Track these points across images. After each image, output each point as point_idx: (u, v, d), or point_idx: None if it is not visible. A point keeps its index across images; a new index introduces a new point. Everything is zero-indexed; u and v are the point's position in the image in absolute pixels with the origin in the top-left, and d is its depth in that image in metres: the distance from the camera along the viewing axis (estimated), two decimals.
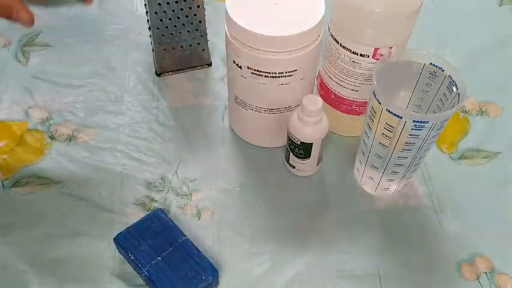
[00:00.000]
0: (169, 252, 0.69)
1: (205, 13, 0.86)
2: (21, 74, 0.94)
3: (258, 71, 0.71)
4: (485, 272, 0.73)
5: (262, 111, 0.77)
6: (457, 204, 0.79)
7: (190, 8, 0.82)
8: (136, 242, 0.70)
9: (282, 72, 0.70)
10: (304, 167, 0.79)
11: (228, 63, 0.75)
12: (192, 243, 0.70)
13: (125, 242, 0.70)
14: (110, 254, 0.72)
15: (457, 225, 0.77)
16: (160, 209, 0.74)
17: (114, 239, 0.70)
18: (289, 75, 0.71)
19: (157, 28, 0.83)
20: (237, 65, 0.72)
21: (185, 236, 0.71)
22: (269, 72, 0.70)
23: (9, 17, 0.67)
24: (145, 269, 0.67)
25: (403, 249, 0.75)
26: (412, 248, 0.75)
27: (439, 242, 0.75)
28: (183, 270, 0.67)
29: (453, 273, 0.73)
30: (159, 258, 0.68)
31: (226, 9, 0.69)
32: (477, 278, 0.72)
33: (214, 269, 0.68)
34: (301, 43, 0.68)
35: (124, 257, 0.71)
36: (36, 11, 1.03)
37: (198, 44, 0.90)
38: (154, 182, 0.80)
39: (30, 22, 0.68)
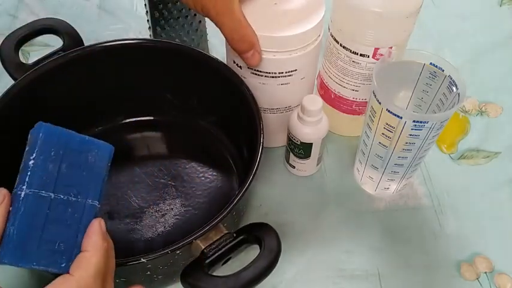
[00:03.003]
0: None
1: None
2: None
3: (258, 71, 0.71)
4: (485, 272, 0.73)
5: (262, 111, 0.76)
6: (457, 204, 0.79)
7: (190, 8, 0.82)
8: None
9: (282, 72, 0.70)
10: (304, 167, 0.79)
11: (228, 63, 0.75)
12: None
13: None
14: None
15: (457, 225, 0.77)
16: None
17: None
18: (289, 75, 0.71)
19: (157, 28, 0.83)
20: (237, 65, 0.72)
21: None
22: (269, 72, 0.70)
23: (243, 52, 0.66)
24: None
25: (403, 249, 0.75)
26: (412, 248, 0.75)
27: (439, 242, 0.75)
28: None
29: (453, 273, 0.73)
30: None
31: None
32: (477, 278, 0.72)
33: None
34: (301, 43, 0.68)
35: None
36: (37, 11, 1.03)
37: (198, 44, 0.89)
38: None
39: (257, 64, 0.68)
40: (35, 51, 0.96)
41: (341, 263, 0.73)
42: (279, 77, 0.71)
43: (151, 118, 0.85)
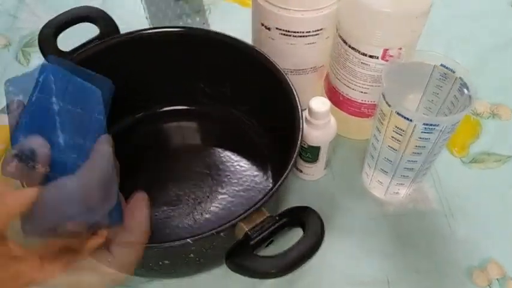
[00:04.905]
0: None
1: (209, 13, 0.85)
2: None
3: (287, 31, 0.74)
4: (497, 279, 0.72)
5: (289, 73, 0.78)
6: (468, 208, 0.78)
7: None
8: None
9: (310, 31, 0.74)
10: (312, 171, 0.79)
11: (255, 27, 0.79)
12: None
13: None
14: None
15: (468, 230, 0.76)
16: None
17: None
18: (316, 34, 0.74)
19: None
20: (266, 27, 0.75)
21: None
22: (297, 32, 0.74)
23: None
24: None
25: (413, 254, 0.74)
26: (422, 253, 0.74)
27: (450, 248, 0.75)
28: None
29: (464, 279, 0.72)
30: None
31: None
32: (488, 285, 0.71)
33: None
34: (327, 2, 0.71)
35: None
36: (37, 11, 1.03)
37: None
38: None
39: None
40: (35, 52, 0.96)
41: (349, 268, 0.72)
42: (306, 36, 0.74)
43: (187, 107, 0.87)
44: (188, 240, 0.56)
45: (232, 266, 0.58)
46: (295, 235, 0.59)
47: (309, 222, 0.60)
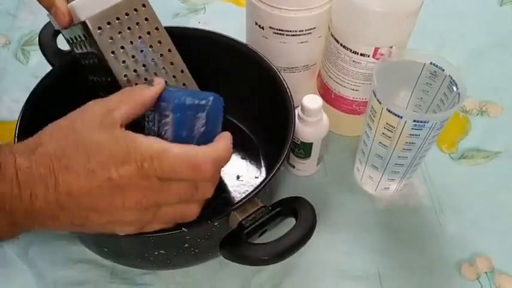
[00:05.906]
0: None
1: (204, 12, 0.85)
2: (21, 73, 0.93)
3: (279, 30, 0.75)
4: (486, 272, 0.72)
5: (282, 71, 0.78)
6: (457, 204, 0.79)
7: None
8: None
9: (302, 30, 0.75)
10: (304, 166, 0.79)
11: (249, 26, 0.80)
12: None
13: None
14: None
15: (457, 225, 0.77)
16: None
17: None
18: (309, 33, 0.75)
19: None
20: (259, 26, 0.76)
21: None
22: (290, 31, 0.75)
23: (48, 10, 0.61)
24: None
25: (403, 249, 0.74)
26: (412, 248, 0.74)
27: (439, 242, 0.75)
28: None
29: (453, 273, 0.72)
30: None
31: None
32: (477, 278, 0.72)
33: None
34: (319, 1, 0.72)
35: None
36: (36, 10, 1.03)
37: None
38: None
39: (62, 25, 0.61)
40: (35, 51, 0.96)
41: (341, 263, 0.73)
42: (299, 35, 0.75)
43: None
44: (183, 229, 0.57)
45: (225, 253, 0.59)
46: (290, 226, 0.60)
47: (301, 211, 0.60)
